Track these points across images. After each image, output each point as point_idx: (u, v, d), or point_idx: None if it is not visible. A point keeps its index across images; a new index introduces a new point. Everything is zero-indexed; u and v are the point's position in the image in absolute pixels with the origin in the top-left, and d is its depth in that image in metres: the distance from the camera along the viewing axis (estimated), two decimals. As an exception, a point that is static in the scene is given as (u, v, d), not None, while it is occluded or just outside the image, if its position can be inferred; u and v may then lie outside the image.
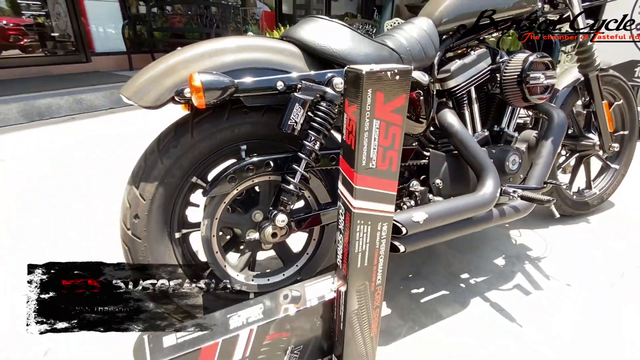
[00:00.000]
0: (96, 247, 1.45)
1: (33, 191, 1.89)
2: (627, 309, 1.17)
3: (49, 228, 1.57)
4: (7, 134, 2.79)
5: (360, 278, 0.77)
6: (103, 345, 1.00)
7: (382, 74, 0.58)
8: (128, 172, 0.86)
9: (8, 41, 4.74)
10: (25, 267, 0.72)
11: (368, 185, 0.67)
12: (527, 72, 1.11)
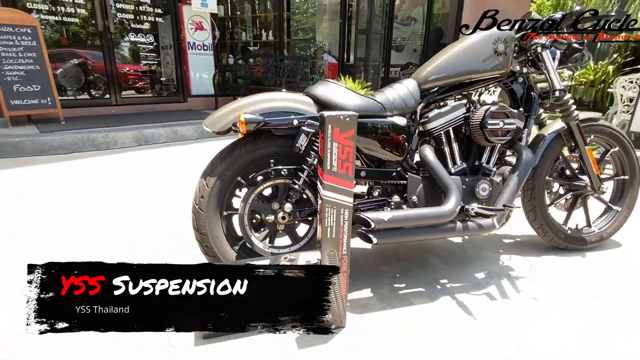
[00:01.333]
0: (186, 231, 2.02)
1: (137, 187, 2.61)
2: (593, 328, 1.36)
3: (152, 206, 2.21)
4: (123, 153, 3.72)
5: (330, 245, 1.17)
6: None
7: (337, 117, 1.03)
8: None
9: (128, 83, 6.14)
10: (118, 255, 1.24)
11: (332, 182, 1.10)
12: (487, 120, 1.46)
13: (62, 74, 5.32)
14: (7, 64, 3.86)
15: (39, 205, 2.32)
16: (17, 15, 3.92)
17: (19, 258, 1.70)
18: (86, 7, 4.82)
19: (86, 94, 5.51)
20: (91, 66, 5.52)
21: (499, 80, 1.64)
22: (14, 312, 1.32)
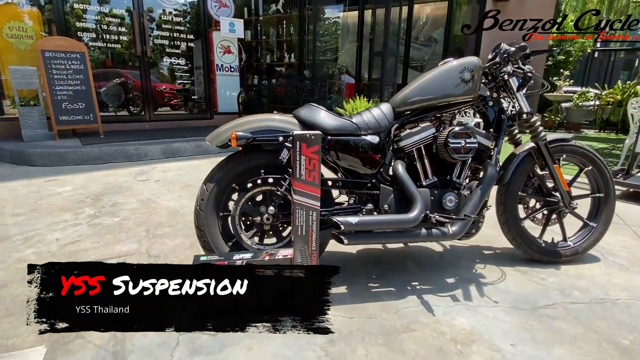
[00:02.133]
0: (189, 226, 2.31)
1: (162, 192, 2.95)
2: (538, 336, 1.49)
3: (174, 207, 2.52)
4: (152, 164, 4.13)
5: (301, 242, 1.40)
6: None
7: (303, 135, 1.28)
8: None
9: (163, 101, 6.72)
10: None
11: (301, 188, 1.34)
12: (450, 139, 1.65)
13: (105, 92, 5.94)
14: (59, 84, 4.43)
15: (78, 206, 2.70)
16: (69, 42, 4.50)
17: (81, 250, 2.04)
18: (127, 33, 5.41)
19: (125, 110, 6.10)
20: (130, 85, 6.13)
21: (469, 104, 1.83)
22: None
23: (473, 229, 1.82)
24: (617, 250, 2.20)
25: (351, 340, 1.36)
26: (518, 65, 1.72)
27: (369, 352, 1.30)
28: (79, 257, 1.96)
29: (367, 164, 1.68)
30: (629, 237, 2.39)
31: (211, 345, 1.32)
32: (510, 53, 1.71)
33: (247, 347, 1.32)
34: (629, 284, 1.81)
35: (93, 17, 5.16)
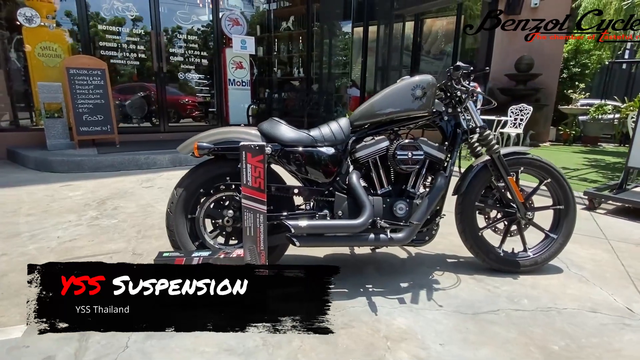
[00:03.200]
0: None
1: (162, 198, 3.19)
2: (474, 340, 1.57)
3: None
4: (160, 172, 4.43)
5: (249, 242, 1.55)
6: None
7: (249, 146, 1.45)
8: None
9: (185, 112, 7.15)
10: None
11: (248, 193, 1.50)
12: (396, 151, 1.78)
13: (129, 105, 6.38)
14: (81, 98, 4.84)
15: (84, 209, 2.98)
16: (92, 60, 4.93)
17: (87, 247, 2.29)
18: (145, 52, 5.84)
19: (148, 122, 6.50)
20: (153, 98, 6.56)
21: (425, 119, 1.95)
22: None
23: (426, 236, 1.92)
24: (584, 262, 2.21)
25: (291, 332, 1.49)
26: (461, 83, 1.83)
27: (303, 344, 1.43)
28: (73, 254, 2.19)
29: (323, 173, 1.82)
30: (602, 251, 2.39)
31: (166, 331, 1.48)
32: (451, 72, 1.83)
33: (196, 335, 1.47)
34: (582, 295, 1.84)
35: (116, 37, 5.61)
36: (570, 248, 2.39)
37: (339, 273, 1.44)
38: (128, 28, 5.72)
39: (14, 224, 2.63)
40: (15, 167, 4.59)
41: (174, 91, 6.81)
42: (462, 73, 1.78)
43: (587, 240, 2.58)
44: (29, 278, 0.98)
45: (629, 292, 1.89)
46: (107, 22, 5.56)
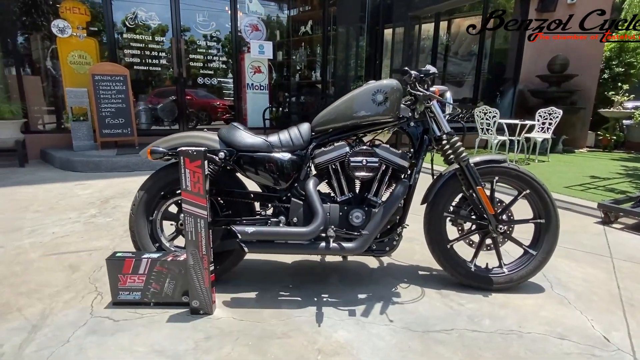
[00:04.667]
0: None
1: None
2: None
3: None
4: (169, 174, 4.62)
5: (191, 246, 1.57)
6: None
7: (187, 151, 1.47)
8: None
9: (216, 115, 7.46)
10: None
11: (188, 198, 1.52)
12: (350, 158, 1.72)
13: (161, 109, 6.72)
14: (104, 103, 5.17)
15: (87, 207, 3.17)
16: (115, 67, 5.25)
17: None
18: (166, 58, 6.13)
19: (177, 124, 6.79)
20: (181, 102, 6.84)
21: (391, 124, 1.87)
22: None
23: (387, 247, 1.84)
24: (573, 282, 2.02)
25: (226, 338, 1.49)
26: (416, 87, 1.73)
27: (233, 351, 1.42)
28: (60, 249, 2.33)
29: (279, 178, 1.81)
30: (600, 271, 2.17)
31: (109, 329, 1.54)
32: (405, 77, 1.74)
33: (136, 333, 1.51)
34: (556, 319, 1.68)
35: (139, 44, 5.94)
36: (562, 266, 2.20)
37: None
38: (151, 36, 6.03)
39: (20, 219, 2.85)
40: (45, 166, 4.99)
41: (192, 95, 7.07)
42: (417, 77, 1.69)
43: (586, 257, 2.35)
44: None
45: (614, 318, 1.69)
46: (132, 31, 5.89)
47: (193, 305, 1.64)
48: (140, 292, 1.68)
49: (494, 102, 8.45)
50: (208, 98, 7.53)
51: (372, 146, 1.84)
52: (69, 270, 2.04)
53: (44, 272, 2.01)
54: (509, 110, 7.97)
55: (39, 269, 2.04)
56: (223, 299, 1.78)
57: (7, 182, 3.94)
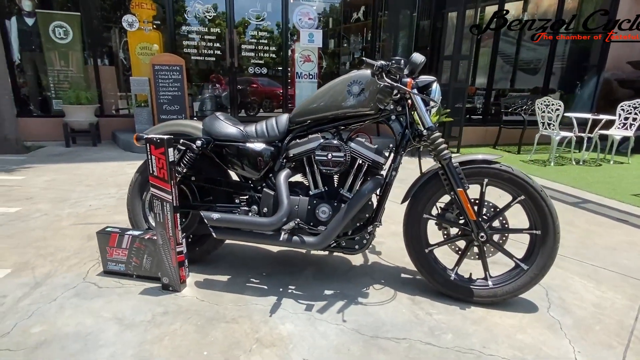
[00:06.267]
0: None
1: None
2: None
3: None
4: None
5: (159, 227, 1.69)
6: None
7: (152, 138, 1.57)
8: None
9: (270, 102, 7.80)
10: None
11: (155, 183, 1.63)
12: (316, 152, 1.67)
13: (225, 97, 7.19)
14: (162, 91, 5.68)
15: (127, 184, 3.57)
16: (172, 57, 5.72)
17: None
18: (220, 48, 6.48)
19: (243, 111, 7.20)
20: (248, 90, 7.20)
21: (371, 117, 1.77)
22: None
23: (356, 245, 1.78)
24: (579, 306, 1.74)
25: (181, 316, 1.59)
26: (383, 79, 1.58)
27: (181, 328, 1.51)
28: (87, 220, 2.67)
29: (253, 169, 1.84)
30: (622, 297, 1.84)
31: (91, 293, 1.74)
32: (362, 67, 1.60)
33: (109, 300, 1.69)
34: (533, 344, 1.47)
35: (196, 35, 6.37)
36: (577, 285, 1.91)
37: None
38: (207, 27, 6.42)
39: (71, 192, 3.32)
40: (113, 146, 5.68)
41: (244, 84, 7.36)
42: (382, 68, 1.55)
43: (614, 279, 2.00)
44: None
45: (608, 354, 1.43)
46: (190, 23, 6.32)
47: (163, 281, 1.77)
48: (124, 264, 1.87)
49: (573, 93, 7.42)
50: (271, 86, 7.77)
51: (348, 140, 1.77)
52: (85, 239, 2.33)
53: (66, 238, 2.33)
54: (590, 102, 6.94)
55: (63, 236, 2.37)
56: (197, 279, 1.89)
57: (77, 159, 4.59)
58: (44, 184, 3.57)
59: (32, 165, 4.33)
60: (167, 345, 1.42)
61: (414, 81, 1.68)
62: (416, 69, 1.71)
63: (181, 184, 1.96)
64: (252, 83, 7.45)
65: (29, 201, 3.04)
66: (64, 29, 5.87)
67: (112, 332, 1.48)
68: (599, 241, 2.53)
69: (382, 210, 1.78)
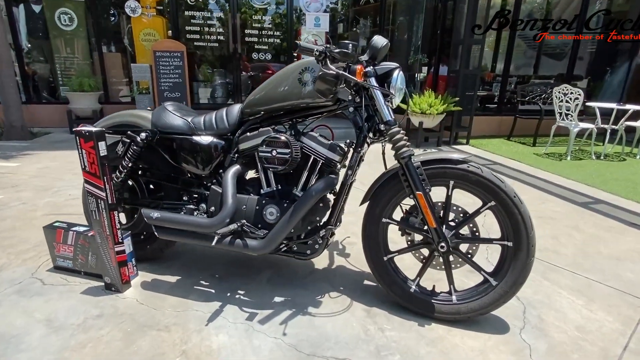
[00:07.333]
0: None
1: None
2: (284, 366, 1.29)
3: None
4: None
5: (97, 225, 1.59)
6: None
7: (81, 131, 1.46)
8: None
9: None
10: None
11: (88, 178, 1.53)
12: (259, 147, 1.51)
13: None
14: (163, 77, 5.63)
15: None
16: (173, 44, 5.63)
17: (59, 201, 2.80)
18: (224, 35, 6.34)
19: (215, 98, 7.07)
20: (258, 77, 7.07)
21: (328, 109, 1.59)
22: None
23: (308, 250, 1.62)
24: (559, 328, 1.52)
25: (113, 320, 1.50)
26: (327, 66, 1.38)
27: (108, 334, 1.42)
28: (62, 210, 2.64)
29: (199, 164, 1.71)
30: (615, 319, 1.60)
31: (33, 290, 1.68)
32: (296, 52, 1.39)
33: (48, 299, 1.63)
34: (493, 373, 1.29)
35: (199, 21, 6.24)
36: (564, 302, 1.70)
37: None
38: (209, 12, 6.28)
39: (59, 180, 3.32)
40: (116, 133, 5.71)
41: (248, 69, 7.20)
42: (324, 53, 1.36)
43: (611, 297, 1.76)
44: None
45: (580, 391, 1.22)
46: (192, 8, 6.19)
47: (106, 281, 1.69)
48: (72, 261, 1.80)
49: (602, 80, 6.82)
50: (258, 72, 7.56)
51: (301, 133, 1.60)
52: (50, 231, 2.29)
53: (33, 229, 2.30)
54: (620, 90, 6.36)
55: (32, 227, 2.34)
56: (145, 279, 1.80)
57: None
58: (35, 171, 3.60)
59: (32, 152, 4.40)
60: (87, 353, 1.33)
61: (372, 68, 1.48)
62: (377, 54, 1.51)
63: (130, 179, 1.85)
64: (267, 69, 7.23)
65: (13, 189, 3.05)
66: (69, 16, 5.90)
67: (37, 335, 1.41)
68: (602, 249, 2.26)
69: (338, 212, 1.61)
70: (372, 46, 1.49)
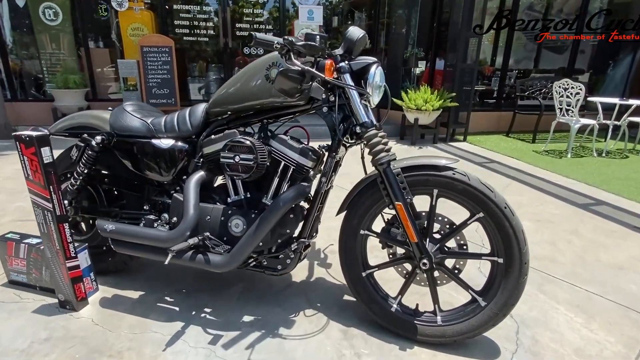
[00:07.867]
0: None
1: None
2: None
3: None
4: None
5: (45, 239, 1.45)
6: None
7: (21, 136, 1.30)
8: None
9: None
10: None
11: (32, 188, 1.37)
12: (221, 152, 1.35)
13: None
14: (151, 73, 5.46)
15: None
16: (160, 39, 5.45)
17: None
18: (214, 29, 6.15)
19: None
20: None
21: (300, 108, 1.43)
22: None
23: (278, 265, 1.47)
24: (556, 352, 1.37)
25: (62, 344, 1.36)
26: (292, 61, 1.21)
27: (55, 358, 1.28)
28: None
29: (159, 170, 1.55)
30: (618, 340, 1.45)
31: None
32: (251, 45, 1.23)
33: (5, 318, 1.48)
34: (479, 408, 1.14)
35: (187, 15, 6.05)
36: (562, 320, 1.56)
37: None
38: (200, 6, 6.08)
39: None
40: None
41: (240, 66, 7.02)
42: (287, 46, 1.20)
43: (614, 314, 1.61)
44: None
45: None
46: (183, 1, 5.99)
47: (59, 298, 1.54)
48: (26, 275, 1.65)
49: (605, 74, 6.63)
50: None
51: (271, 136, 1.45)
52: (13, 239, 2.14)
53: (-6, 238, 2.15)
54: (622, 84, 6.16)
55: (-6, 235, 2.19)
56: (105, 294, 1.66)
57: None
58: (12, 172, 3.45)
59: (12, 152, 4.24)
60: (25, 385, 1.19)
61: (347, 63, 1.32)
62: (353, 47, 1.35)
63: (89, 186, 1.70)
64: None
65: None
66: (54, 10, 5.71)
67: (-26, 364, 1.27)
68: (603, 257, 2.11)
69: (311, 223, 1.46)
70: (347, 38, 1.33)
